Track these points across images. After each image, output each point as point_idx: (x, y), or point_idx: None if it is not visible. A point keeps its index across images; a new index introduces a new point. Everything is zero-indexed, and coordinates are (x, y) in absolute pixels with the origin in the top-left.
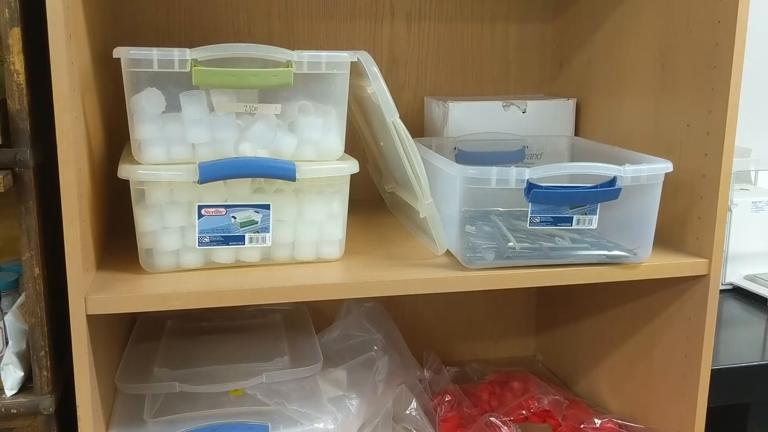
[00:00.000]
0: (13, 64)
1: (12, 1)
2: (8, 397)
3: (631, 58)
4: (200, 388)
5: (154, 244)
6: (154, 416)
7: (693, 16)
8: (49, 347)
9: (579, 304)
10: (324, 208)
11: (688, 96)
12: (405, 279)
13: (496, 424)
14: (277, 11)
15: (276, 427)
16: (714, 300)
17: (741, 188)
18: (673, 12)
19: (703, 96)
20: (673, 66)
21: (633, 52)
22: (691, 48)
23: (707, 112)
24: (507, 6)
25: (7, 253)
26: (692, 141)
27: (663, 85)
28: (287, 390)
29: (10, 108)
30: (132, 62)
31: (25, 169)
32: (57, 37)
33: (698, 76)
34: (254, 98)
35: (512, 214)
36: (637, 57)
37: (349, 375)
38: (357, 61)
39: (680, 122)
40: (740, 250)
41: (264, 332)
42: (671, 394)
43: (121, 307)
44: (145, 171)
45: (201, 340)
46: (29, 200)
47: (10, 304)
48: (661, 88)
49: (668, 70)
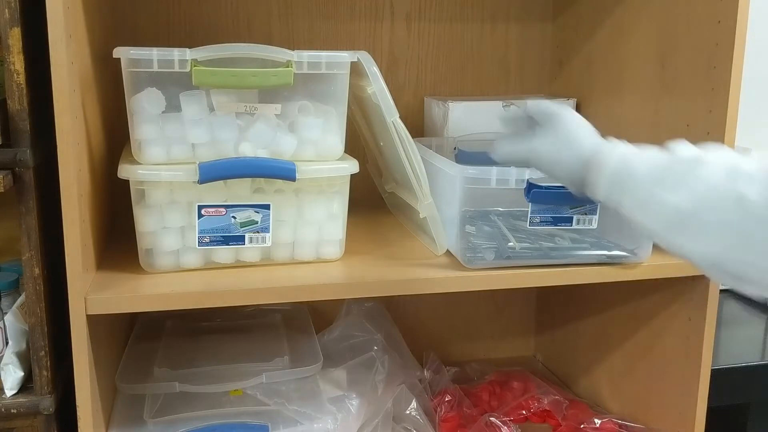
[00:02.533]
0: (13, 64)
1: (12, 1)
2: (8, 397)
3: (631, 58)
4: (200, 388)
5: (154, 244)
6: (154, 416)
7: (693, 16)
8: (49, 347)
9: (579, 304)
10: (324, 208)
11: (688, 96)
12: (405, 279)
13: (496, 424)
14: (277, 11)
15: (276, 427)
16: (714, 300)
17: None
18: (673, 12)
19: (703, 96)
20: (673, 66)
21: (633, 52)
22: (691, 48)
23: (707, 112)
24: (507, 6)
25: (7, 253)
26: (692, 141)
27: (663, 85)
28: (287, 390)
29: (10, 108)
30: (132, 62)
31: (25, 169)
32: (57, 37)
33: (698, 76)
34: (254, 98)
35: (512, 214)
36: (637, 57)
37: (349, 375)
38: (357, 61)
39: (680, 122)
40: None
41: (264, 332)
42: (671, 394)
43: (121, 307)
44: (145, 171)
45: (201, 340)
46: (29, 200)
47: (10, 304)
48: (661, 88)
49: (668, 70)
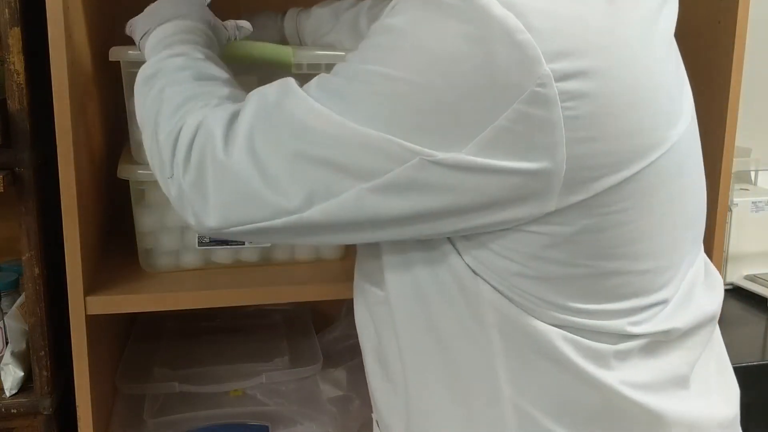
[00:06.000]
0: (13, 64)
1: (12, 1)
2: (8, 397)
3: None
4: (200, 388)
5: (154, 244)
6: (154, 416)
7: (693, 16)
8: (49, 347)
9: None
10: None
11: None
12: None
13: None
14: (276, 9)
15: (276, 427)
16: None
17: (741, 188)
18: None
19: (704, 96)
20: None
21: None
22: (691, 48)
23: (707, 112)
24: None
25: (7, 253)
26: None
27: None
28: (287, 390)
29: (10, 108)
30: (130, 63)
31: (25, 169)
32: (57, 37)
33: (698, 76)
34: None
35: None
36: None
37: (349, 375)
38: None
39: None
40: (740, 250)
41: (264, 332)
42: None
43: (121, 307)
44: (145, 171)
45: (201, 340)
46: (29, 200)
47: (10, 304)
48: None
49: None
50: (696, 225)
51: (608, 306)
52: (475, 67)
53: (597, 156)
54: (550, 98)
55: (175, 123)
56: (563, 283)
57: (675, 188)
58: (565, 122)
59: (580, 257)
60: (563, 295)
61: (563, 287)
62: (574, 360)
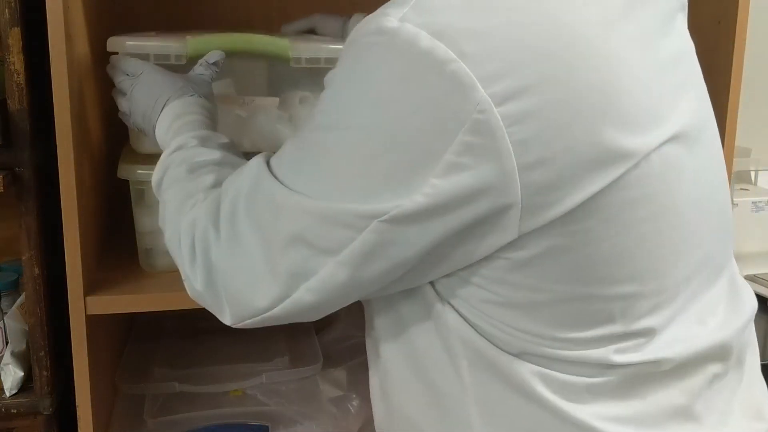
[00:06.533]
0: (13, 64)
1: (12, 1)
2: (8, 397)
3: None
4: (200, 388)
5: (154, 244)
6: (154, 416)
7: (693, 17)
8: (49, 347)
9: None
10: None
11: None
12: None
13: None
14: (277, 5)
15: (276, 427)
16: None
17: (741, 188)
18: None
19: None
20: None
21: None
22: None
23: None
24: None
25: (7, 253)
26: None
27: None
28: (287, 390)
29: (10, 108)
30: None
31: (25, 169)
32: (57, 37)
33: None
34: (254, 90)
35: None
36: None
37: (349, 375)
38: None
39: None
40: (740, 250)
41: (264, 332)
42: None
43: (121, 307)
44: (145, 171)
45: (201, 340)
46: (29, 200)
47: (10, 304)
48: None
49: None
50: (707, 245)
51: (583, 334)
52: (413, 106)
53: (552, 177)
54: (493, 125)
55: (174, 229)
56: (533, 308)
57: (660, 205)
58: (513, 149)
59: (547, 281)
60: (535, 321)
61: (534, 313)
62: (543, 394)
